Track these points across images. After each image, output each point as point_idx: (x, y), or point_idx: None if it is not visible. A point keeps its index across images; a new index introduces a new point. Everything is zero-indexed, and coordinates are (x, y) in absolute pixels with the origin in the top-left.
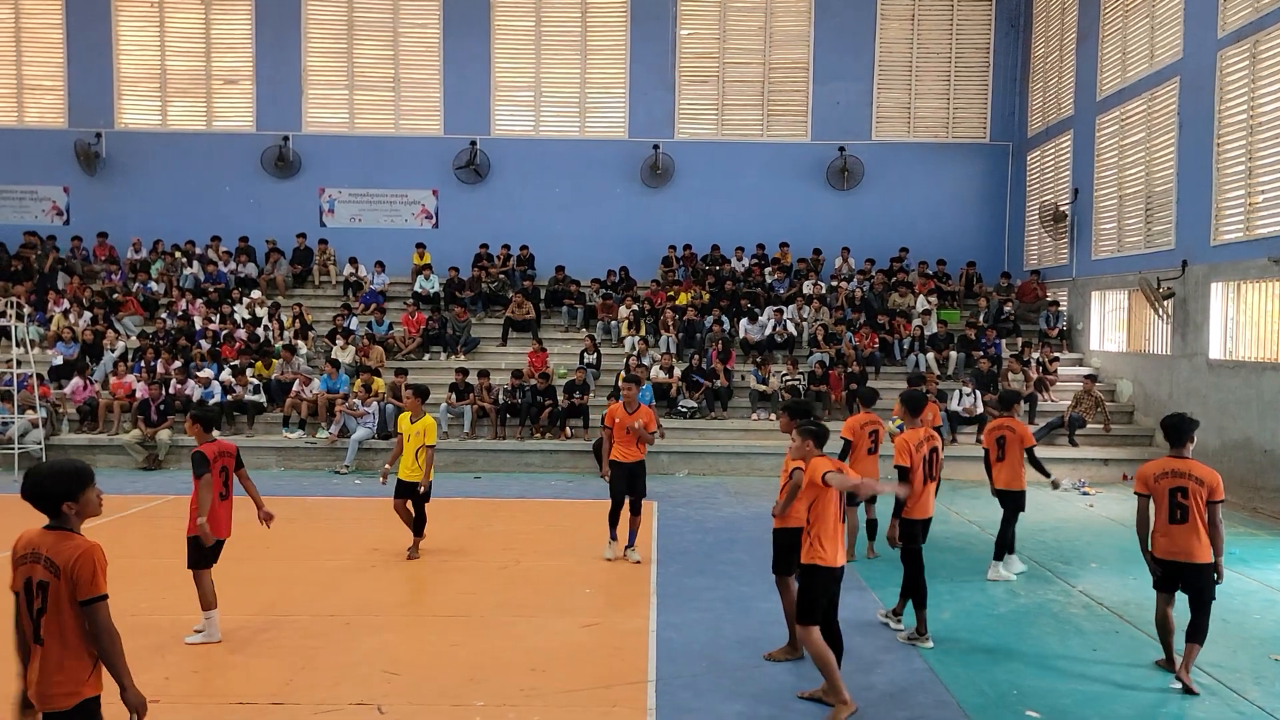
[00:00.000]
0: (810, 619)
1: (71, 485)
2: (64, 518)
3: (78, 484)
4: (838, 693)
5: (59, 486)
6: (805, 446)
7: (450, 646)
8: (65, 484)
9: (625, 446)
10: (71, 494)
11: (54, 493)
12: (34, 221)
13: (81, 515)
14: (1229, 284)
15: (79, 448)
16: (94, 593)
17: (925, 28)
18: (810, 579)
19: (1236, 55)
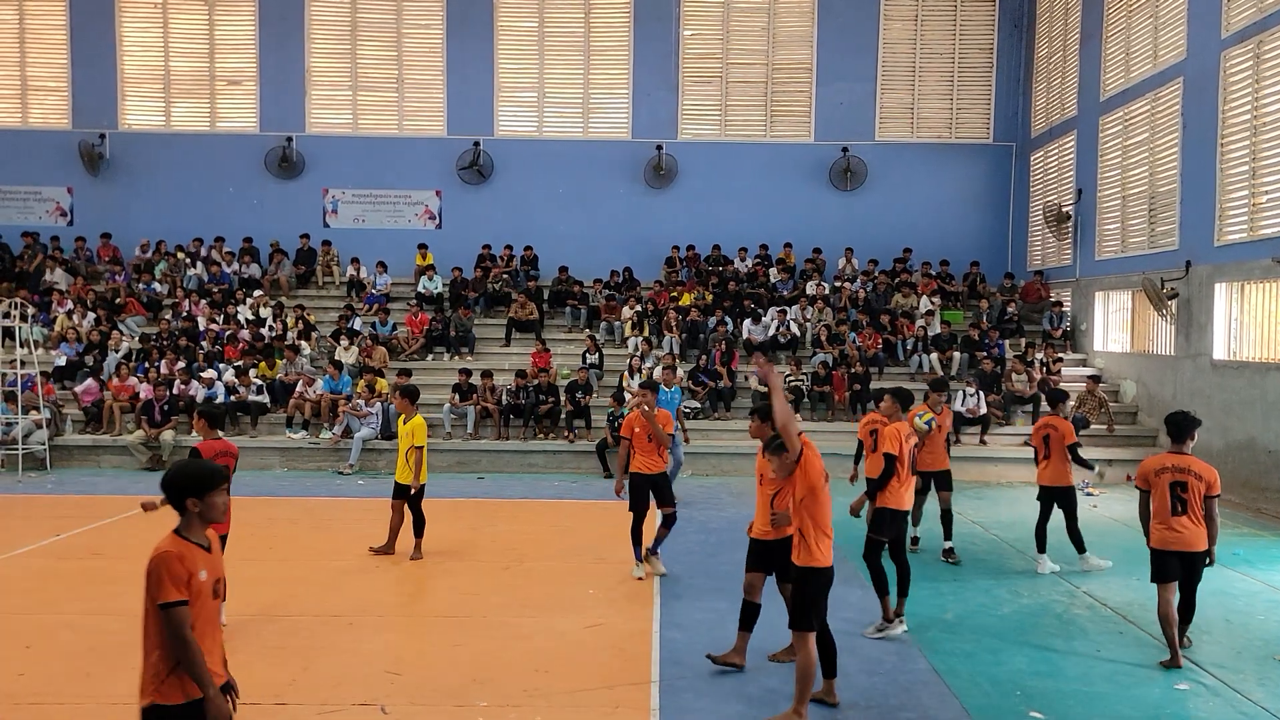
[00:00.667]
0: (808, 624)
1: (201, 483)
2: (188, 516)
3: (207, 484)
4: (802, 704)
5: (188, 481)
6: (785, 461)
7: (453, 647)
8: (194, 480)
9: (646, 457)
10: (198, 492)
11: (181, 487)
12: (38, 222)
13: (205, 518)
14: (1233, 284)
15: (83, 448)
16: (159, 598)
17: (928, 28)
18: (809, 582)
19: (1240, 55)
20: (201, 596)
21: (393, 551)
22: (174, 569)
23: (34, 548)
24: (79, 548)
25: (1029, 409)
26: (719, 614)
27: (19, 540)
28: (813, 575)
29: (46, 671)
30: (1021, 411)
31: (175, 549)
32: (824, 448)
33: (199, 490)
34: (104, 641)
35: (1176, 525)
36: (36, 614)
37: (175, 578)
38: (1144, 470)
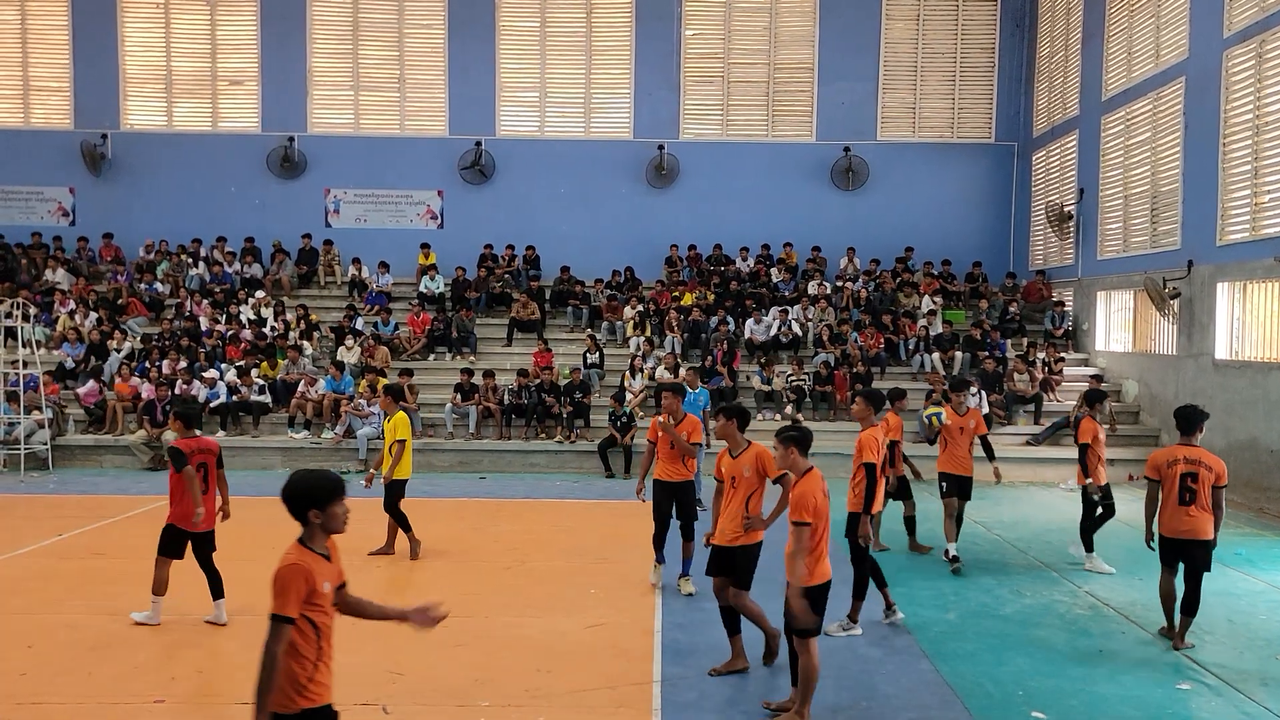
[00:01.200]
0: (813, 632)
1: (322, 495)
2: (310, 527)
3: (327, 494)
4: (805, 705)
5: (309, 494)
6: (790, 455)
7: (455, 647)
8: (316, 492)
9: (669, 464)
10: (319, 502)
11: (303, 499)
12: (40, 222)
13: (327, 528)
14: (1235, 284)
15: (85, 448)
16: (275, 609)
17: (930, 28)
18: (808, 598)
19: (1242, 55)
20: (326, 607)
21: (392, 551)
22: (299, 583)
23: (36, 547)
24: (81, 548)
25: (1030, 408)
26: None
27: (21, 540)
28: (815, 591)
29: (48, 671)
30: (1024, 411)
31: (304, 561)
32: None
33: (321, 502)
34: (106, 641)
35: (1186, 514)
36: (38, 614)
37: (297, 592)
38: (1156, 461)
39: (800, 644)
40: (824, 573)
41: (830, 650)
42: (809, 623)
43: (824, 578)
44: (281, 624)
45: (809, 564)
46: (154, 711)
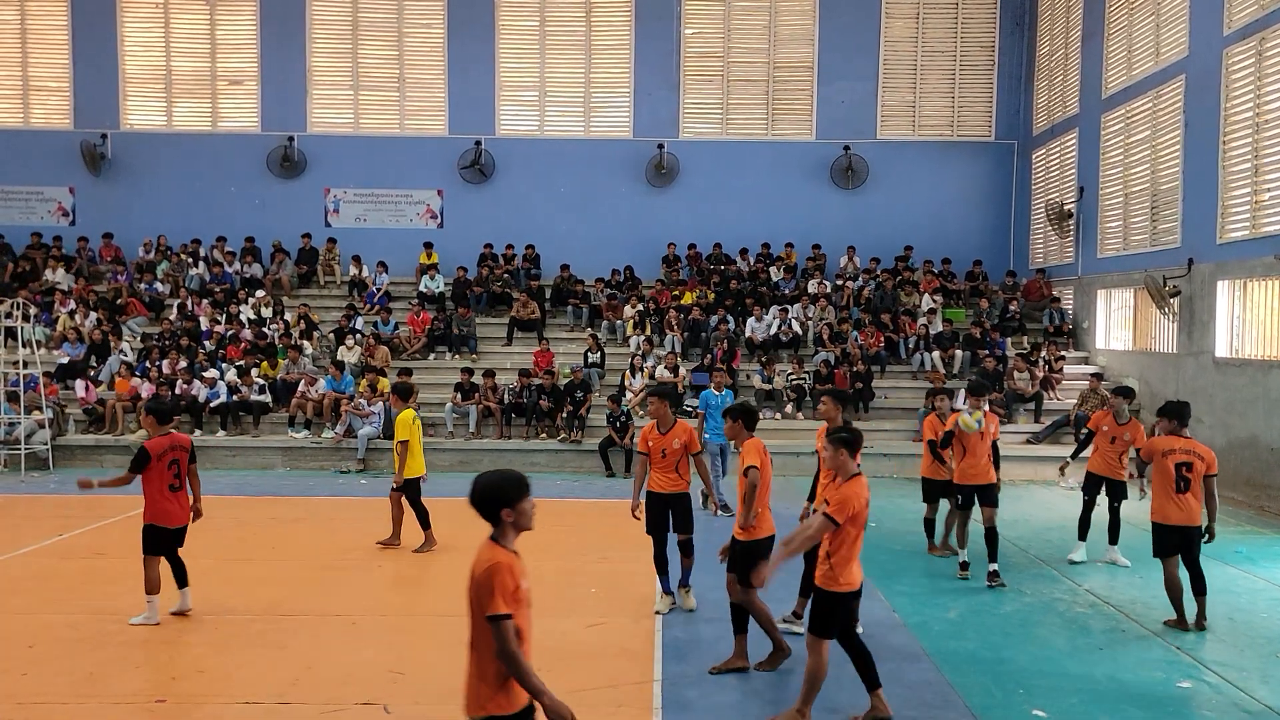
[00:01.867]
0: (826, 633)
1: (510, 492)
2: (501, 526)
3: (517, 492)
4: (806, 704)
5: (500, 493)
6: (839, 457)
7: (456, 646)
8: (506, 491)
9: (662, 474)
10: (510, 500)
11: (493, 498)
12: (40, 222)
13: (518, 526)
14: (1235, 282)
15: (86, 448)
16: (489, 610)
17: (930, 26)
18: (828, 603)
19: (1242, 52)
20: (524, 604)
21: (399, 543)
22: (505, 581)
23: (37, 547)
24: (81, 547)
25: (1031, 407)
26: (722, 613)
27: (22, 540)
28: (832, 598)
29: (49, 671)
30: (1024, 409)
31: (505, 560)
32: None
33: (512, 500)
34: (107, 641)
35: (1180, 502)
36: (39, 613)
37: (505, 590)
38: (1153, 448)
39: (811, 643)
40: (852, 580)
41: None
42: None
43: (851, 585)
44: (502, 622)
45: (837, 566)
46: (155, 711)
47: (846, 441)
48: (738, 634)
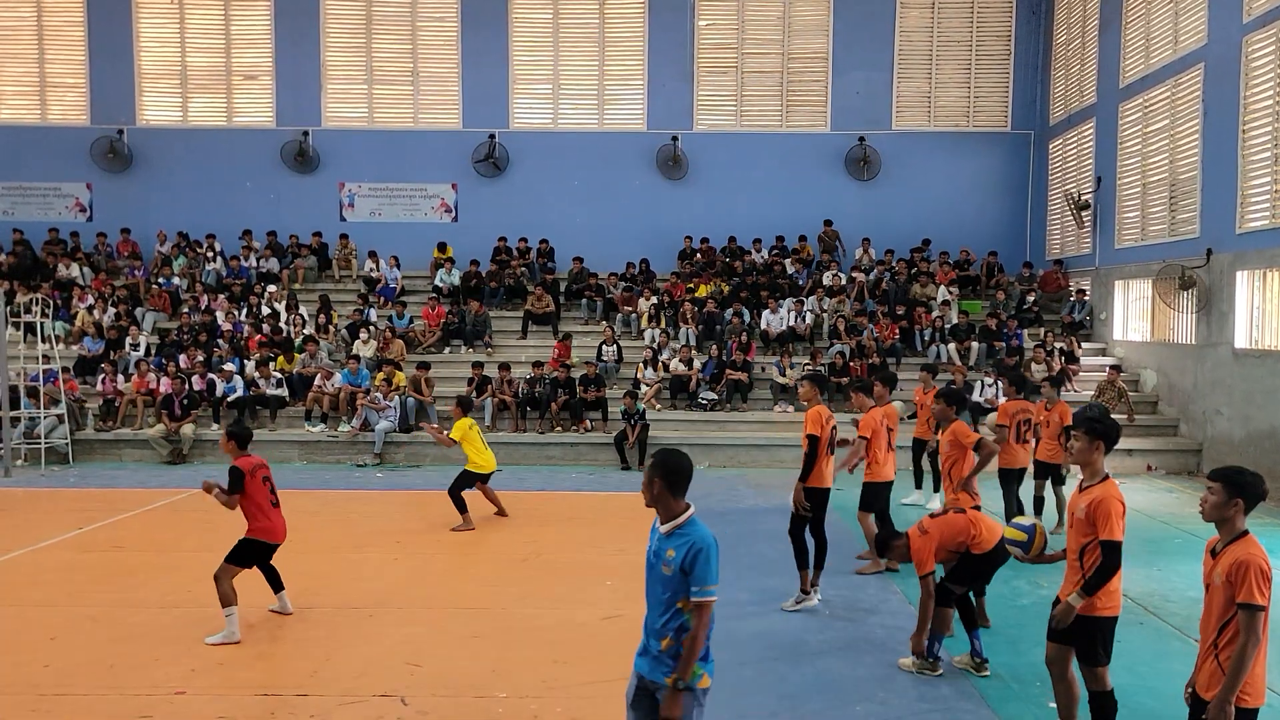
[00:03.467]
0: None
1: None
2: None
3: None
4: (921, 634)
5: (687, 472)
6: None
7: (472, 638)
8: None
9: (829, 466)
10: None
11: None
12: (58, 218)
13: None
14: (1255, 272)
15: (105, 442)
16: (1251, 599)
17: (945, 16)
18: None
19: (1262, 40)
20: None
21: (505, 515)
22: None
23: (57, 541)
24: (101, 541)
25: None
26: (738, 605)
27: (43, 533)
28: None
29: (71, 663)
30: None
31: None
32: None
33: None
34: (126, 633)
35: (1020, 449)
36: (61, 606)
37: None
38: (1004, 409)
39: (922, 581)
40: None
41: (842, 645)
42: None
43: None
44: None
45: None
46: (175, 702)
47: (1101, 433)
48: (800, 569)
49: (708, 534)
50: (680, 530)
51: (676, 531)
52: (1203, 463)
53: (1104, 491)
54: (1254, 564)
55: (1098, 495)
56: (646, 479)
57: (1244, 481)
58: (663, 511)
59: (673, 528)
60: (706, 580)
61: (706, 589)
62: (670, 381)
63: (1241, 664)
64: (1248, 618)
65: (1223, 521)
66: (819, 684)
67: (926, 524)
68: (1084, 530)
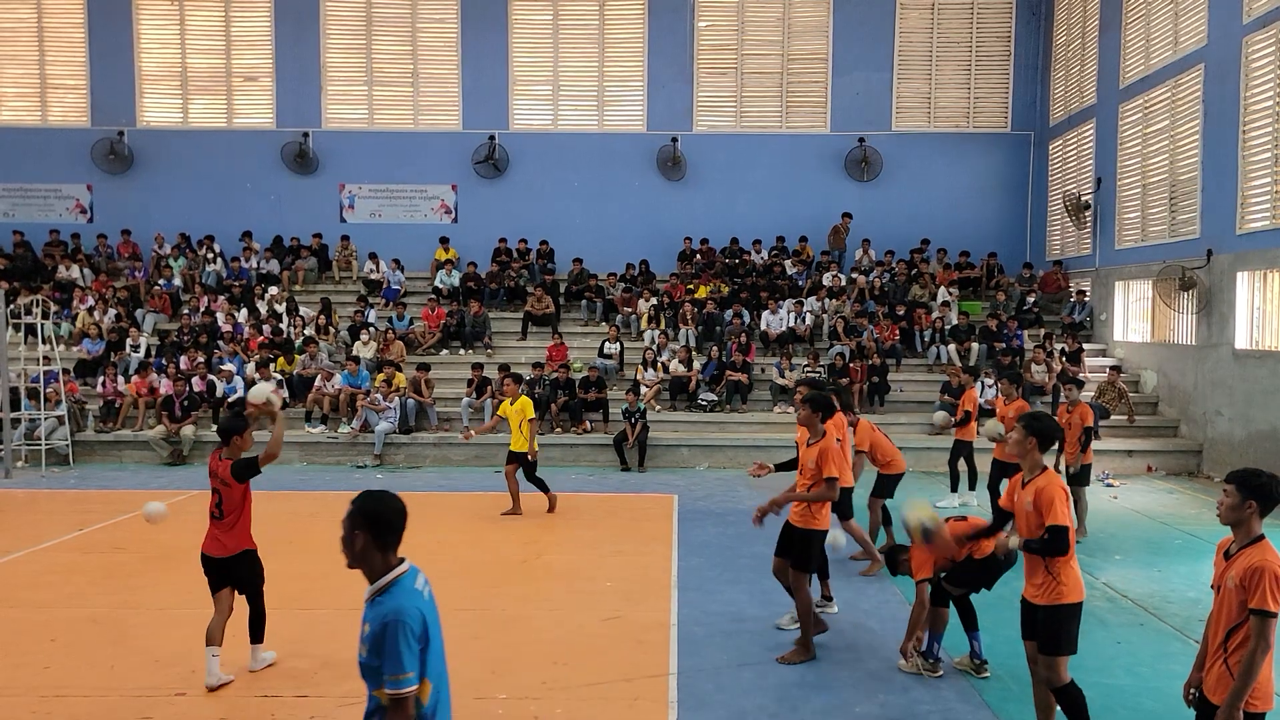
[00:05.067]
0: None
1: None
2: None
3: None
4: (908, 641)
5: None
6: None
7: (472, 639)
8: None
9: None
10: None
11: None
12: (58, 219)
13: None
14: (1255, 273)
15: (105, 443)
16: (1267, 605)
17: (945, 17)
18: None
19: (1263, 41)
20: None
21: (521, 512)
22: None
23: (58, 542)
24: (101, 542)
25: (1048, 399)
26: (737, 606)
27: (43, 535)
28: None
29: (71, 664)
30: (1041, 403)
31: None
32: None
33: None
34: (127, 635)
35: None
36: (61, 607)
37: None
38: (1004, 415)
39: (917, 588)
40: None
41: (843, 646)
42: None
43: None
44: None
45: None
46: (175, 704)
47: (1037, 430)
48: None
49: (407, 603)
50: (380, 598)
51: (377, 600)
52: (1203, 464)
53: (1046, 480)
54: (1269, 570)
55: (1040, 484)
56: (346, 531)
57: (1259, 484)
58: (368, 573)
59: (374, 593)
60: (399, 666)
61: (399, 678)
62: (670, 382)
63: (1251, 669)
64: (1260, 623)
65: (1238, 524)
66: (819, 684)
67: None
68: (1035, 521)
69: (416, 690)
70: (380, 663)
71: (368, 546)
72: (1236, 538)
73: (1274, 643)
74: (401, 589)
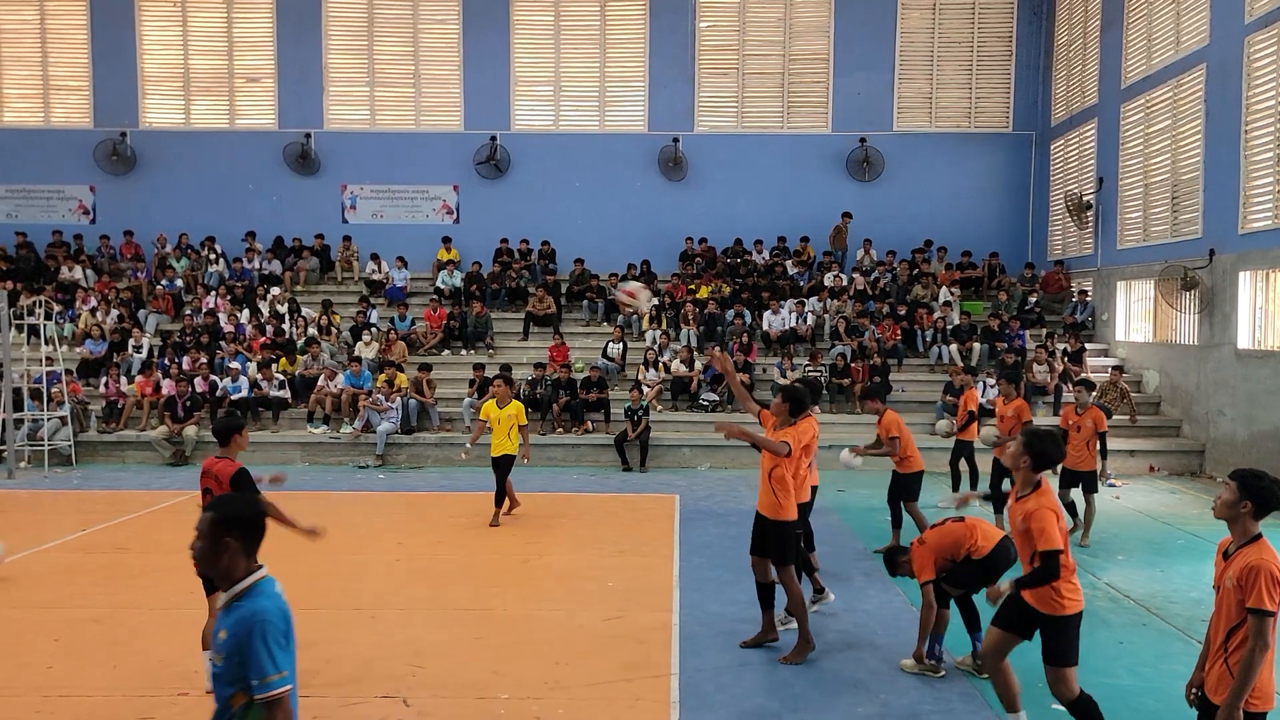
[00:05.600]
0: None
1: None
2: None
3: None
4: (920, 645)
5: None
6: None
7: (474, 639)
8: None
9: (763, 494)
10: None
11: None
12: (61, 220)
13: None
14: (1257, 273)
15: (108, 444)
16: (1263, 604)
17: (946, 16)
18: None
19: (1264, 41)
20: None
21: (518, 503)
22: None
23: (61, 542)
24: (104, 543)
25: (1050, 399)
26: (738, 606)
27: (46, 535)
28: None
29: (74, 664)
30: (1043, 403)
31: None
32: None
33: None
34: (130, 635)
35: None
36: (64, 608)
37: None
38: (1003, 417)
39: (922, 590)
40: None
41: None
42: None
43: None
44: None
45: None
46: (178, 704)
47: (1036, 452)
48: (764, 609)
49: (270, 604)
50: (239, 603)
51: (234, 605)
52: (1205, 464)
53: (1037, 503)
54: (1265, 569)
55: (1030, 506)
56: (213, 539)
57: (1260, 487)
58: (227, 580)
59: (232, 598)
60: (268, 667)
61: (269, 680)
62: (671, 383)
63: (1250, 669)
64: (1257, 623)
65: (1233, 521)
66: (821, 684)
67: (926, 534)
68: (1027, 544)
69: (288, 691)
70: (245, 669)
71: (236, 553)
72: (1234, 537)
73: (1274, 642)
74: (262, 591)
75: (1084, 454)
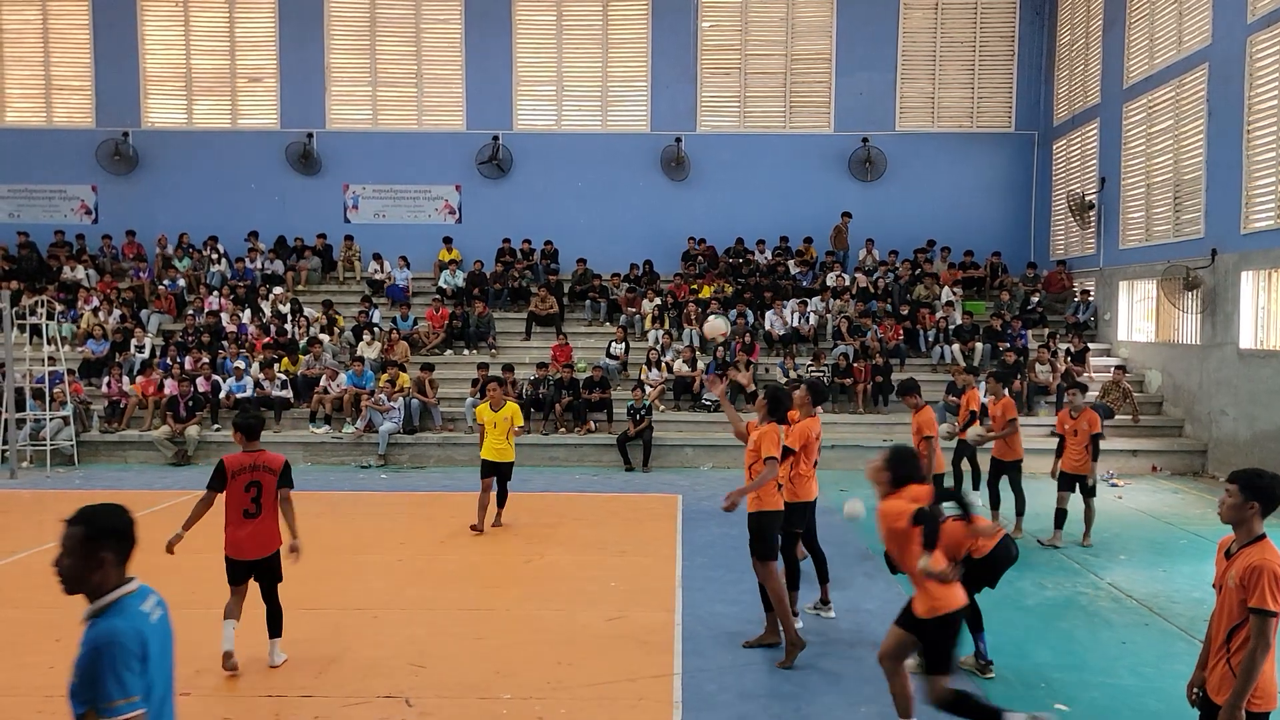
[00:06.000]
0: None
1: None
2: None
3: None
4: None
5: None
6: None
7: (476, 640)
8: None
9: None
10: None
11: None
12: (63, 220)
13: None
14: (1260, 272)
15: (110, 444)
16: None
17: (949, 16)
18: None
19: (1267, 40)
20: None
21: (482, 530)
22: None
23: None
24: None
25: (1052, 399)
26: (741, 606)
27: (48, 535)
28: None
29: None
30: (1045, 402)
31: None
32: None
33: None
34: None
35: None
36: (65, 608)
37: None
38: (995, 416)
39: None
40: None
41: (846, 646)
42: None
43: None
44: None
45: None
46: (180, 704)
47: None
48: (767, 611)
49: (124, 624)
50: (96, 620)
51: (93, 621)
52: (1208, 463)
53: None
54: (1268, 569)
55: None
56: (86, 552)
57: (1262, 485)
58: (94, 593)
59: (93, 614)
60: (113, 691)
61: (114, 704)
62: (674, 383)
63: (1252, 669)
64: (1259, 623)
65: (1240, 523)
66: (823, 684)
67: None
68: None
69: (140, 716)
70: (92, 691)
71: (110, 566)
72: (1237, 537)
73: (1275, 642)
74: (121, 609)
75: (1081, 457)
